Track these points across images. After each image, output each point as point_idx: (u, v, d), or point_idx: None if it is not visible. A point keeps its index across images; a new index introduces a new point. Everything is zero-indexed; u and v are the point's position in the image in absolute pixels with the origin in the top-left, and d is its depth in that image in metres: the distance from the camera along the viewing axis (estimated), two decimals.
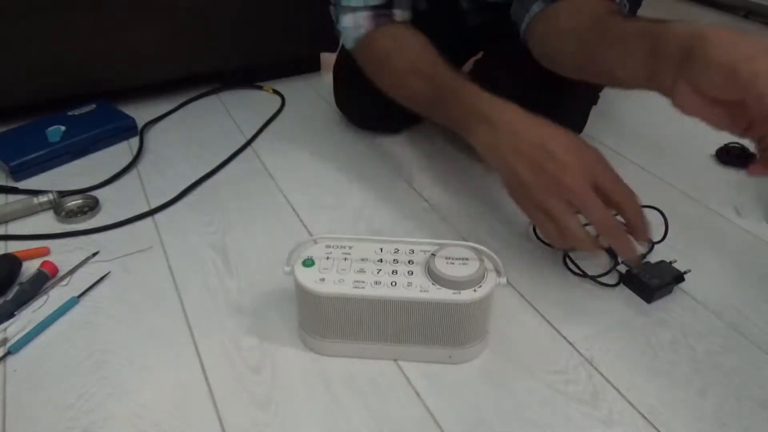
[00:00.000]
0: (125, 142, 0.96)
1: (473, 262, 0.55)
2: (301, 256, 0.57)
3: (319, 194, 0.83)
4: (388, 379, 0.57)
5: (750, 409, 0.54)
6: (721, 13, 1.55)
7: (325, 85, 1.16)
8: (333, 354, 0.58)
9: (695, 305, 0.65)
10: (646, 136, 0.98)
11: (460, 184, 0.85)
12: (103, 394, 0.55)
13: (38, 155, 0.87)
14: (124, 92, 1.07)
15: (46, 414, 0.53)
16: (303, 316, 0.58)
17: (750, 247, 0.74)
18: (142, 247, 0.73)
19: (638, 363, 0.58)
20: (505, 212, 0.80)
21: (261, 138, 0.98)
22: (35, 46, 0.92)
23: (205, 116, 1.04)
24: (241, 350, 0.60)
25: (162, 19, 0.99)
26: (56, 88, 0.97)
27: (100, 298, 0.66)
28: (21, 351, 0.60)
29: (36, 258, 0.71)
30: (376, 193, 0.84)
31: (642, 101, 1.09)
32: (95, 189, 0.84)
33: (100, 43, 0.96)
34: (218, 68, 1.10)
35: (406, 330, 0.56)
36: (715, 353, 0.59)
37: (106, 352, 0.59)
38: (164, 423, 0.53)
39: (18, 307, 0.64)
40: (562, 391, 0.56)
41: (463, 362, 0.58)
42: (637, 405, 0.54)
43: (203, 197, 0.83)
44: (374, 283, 0.54)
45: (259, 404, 0.54)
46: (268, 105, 1.08)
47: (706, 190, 0.84)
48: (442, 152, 0.94)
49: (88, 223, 0.77)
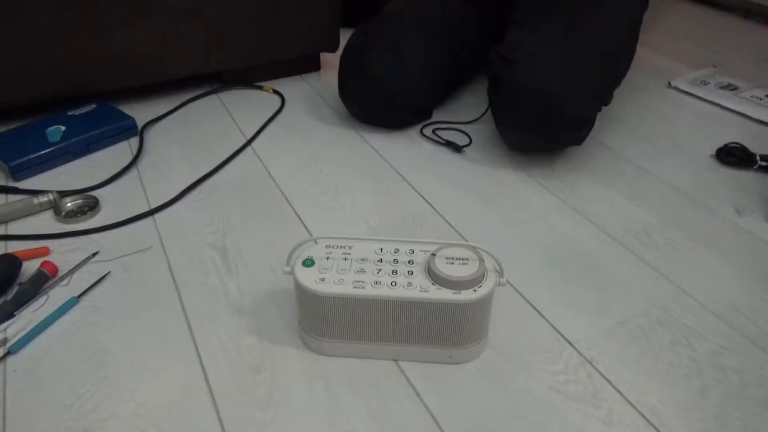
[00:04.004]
0: (125, 142, 0.96)
1: (473, 262, 0.55)
2: (301, 256, 0.57)
3: (319, 194, 0.84)
4: (388, 379, 0.57)
5: (750, 409, 0.54)
6: (721, 13, 1.55)
7: (325, 85, 1.16)
8: (333, 354, 0.58)
9: (695, 305, 0.65)
10: (646, 136, 0.98)
11: (460, 184, 0.86)
12: (103, 394, 0.55)
13: (38, 155, 0.87)
14: (124, 92, 1.07)
15: (46, 414, 0.53)
16: (303, 316, 0.58)
17: (750, 247, 0.74)
18: (142, 247, 0.73)
19: (638, 363, 0.58)
20: (505, 212, 0.80)
21: (261, 138, 0.98)
22: (35, 46, 0.92)
23: (205, 116, 1.04)
24: (241, 350, 0.60)
25: (162, 19, 0.99)
26: (56, 88, 0.97)
27: (100, 298, 0.66)
28: (21, 351, 0.60)
29: (36, 258, 0.71)
30: (376, 193, 0.84)
31: (642, 101, 1.09)
32: (95, 189, 0.84)
33: (100, 43, 0.96)
34: (218, 68, 1.10)
35: (406, 330, 0.56)
36: (715, 353, 0.59)
37: (106, 352, 0.59)
38: (164, 423, 0.53)
39: (18, 307, 0.64)
40: (562, 391, 0.56)
41: (463, 362, 0.58)
42: (637, 405, 0.54)
43: (203, 197, 0.83)
44: (374, 283, 0.54)
45: (259, 404, 0.54)
46: (268, 105, 1.08)
47: (706, 190, 0.84)
48: (442, 152, 0.94)
49: (88, 223, 0.77)
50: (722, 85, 1.14)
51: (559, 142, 0.87)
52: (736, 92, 1.11)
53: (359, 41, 0.96)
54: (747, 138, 0.95)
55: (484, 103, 1.07)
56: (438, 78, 1.00)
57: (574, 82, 0.81)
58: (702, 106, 1.08)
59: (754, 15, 1.52)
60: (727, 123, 1.02)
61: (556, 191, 0.84)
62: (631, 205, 0.81)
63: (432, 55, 0.96)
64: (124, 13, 0.96)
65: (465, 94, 1.11)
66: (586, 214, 0.79)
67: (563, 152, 0.93)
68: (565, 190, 0.84)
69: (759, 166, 0.89)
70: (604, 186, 0.85)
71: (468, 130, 0.99)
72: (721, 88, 1.13)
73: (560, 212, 0.80)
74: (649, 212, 0.80)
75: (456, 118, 1.03)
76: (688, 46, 1.35)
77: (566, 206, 0.81)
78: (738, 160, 0.90)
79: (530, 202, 0.82)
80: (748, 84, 1.14)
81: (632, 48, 0.93)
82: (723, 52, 1.31)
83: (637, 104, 1.08)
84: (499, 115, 0.89)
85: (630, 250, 0.73)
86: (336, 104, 1.07)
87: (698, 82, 1.15)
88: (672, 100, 1.10)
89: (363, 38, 0.95)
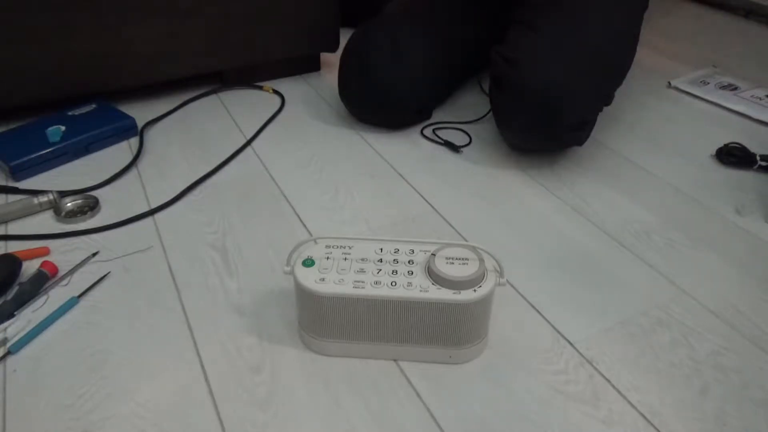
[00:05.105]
0: (125, 142, 0.96)
1: (473, 262, 0.55)
2: (301, 256, 0.57)
3: (319, 194, 0.84)
4: (388, 379, 0.57)
5: (750, 409, 0.54)
6: (721, 13, 1.55)
7: (325, 85, 1.16)
8: (333, 354, 0.58)
9: (695, 305, 0.65)
10: (646, 136, 0.98)
11: (460, 184, 0.86)
12: (103, 394, 0.55)
13: (38, 155, 0.87)
14: (124, 92, 1.07)
15: (46, 414, 0.53)
16: (303, 316, 0.58)
17: (750, 247, 0.74)
18: (142, 247, 0.73)
19: (638, 363, 0.58)
20: (505, 212, 0.80)
21: (261, 138, 0.98)
22: (35, 46, 0.92)
23: (205, 116, 1.04)
24: (241, 350, 0.60)
25: (162, 19, 0.99)
26: (56, 88, 0.97)
27: (100, 298, 0.66)
28: (21, 351, 0.60)
29: (36, 258, 0.71)
30: (376, 193, 0.84)
31: (642, 101, 1.09)
32: (95, 189, 0.84)
33: (100, 43, 0.96)
34: (218, 68, 1.10)
35: (406, 330, 0.56)
36: (715, 353, 0.59)
37: (106, 352, 0.59)
38: (164, 423, 0.53)
39: (18, 307, 0.64)
40: (562, 391, 0.56)
41: (463, 362, 0.58)
42: (637, 405, 0.54)
43: (203, 197, 0.83)
44: (374, 283, 0.54)
45: (259, 404, 0.54)
46: (268, 105, 1.08)
47: (706, 190, 0.84)
48: (442, 152, 0.94)
49: (88, 223, 0.77)
50: (722, 85, 1.14)
51: (561, 142, 0.87)
52: (736, 92, 1.11)
53: (359, 41, 0.96)
54: (747, 138, 0.95)
55: (484, 102, 1.07)
56: (438, 78, 1.00)
57: (576, 83, 0.81)
58: (702, 106, 1.08)
59: (754, 15, 1.52)
60: (727, 123, 1.02)
61: (556, 191, 0.84)
62: (631, 205, 0.81)
63: (432, 55, 0.96)
64: (124, 13, 0.96)
65: (465, 94, 1.11)
66: (586, 214, 0.79)
67: (563, 152, 0.93)
68: (565, 190, 0.84)
69: (759, 166, 0.89)
70: (604, 186, 0.85)
71: (468, 130, 0.99)
72: (721, 88, 1.13)
73: (560, 212, 0.80)
74: (649, 212, 0.80)
75: (456, 118, 1.03)
76: (688, 46, 1.35)
77: (566, 206, 0.81)
78: (738, 160, 0.90)
79: (530, 202, 0.82)
80: (748, 84, 1.14)
81: (633, 48, 0.93)
82: (723, 52, 1.31)
83: (637, 104, 1.08)
84: (500, 116, 0.89)
85: (630, 250, 0.73)
86: (336, 104, 1.07)
87: (698, 82, 1.15)
88: (672, 100, 1.10)
89: (362, 38, 0.95)
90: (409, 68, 0.93)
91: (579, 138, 0.87)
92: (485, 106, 1.06)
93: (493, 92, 0.90)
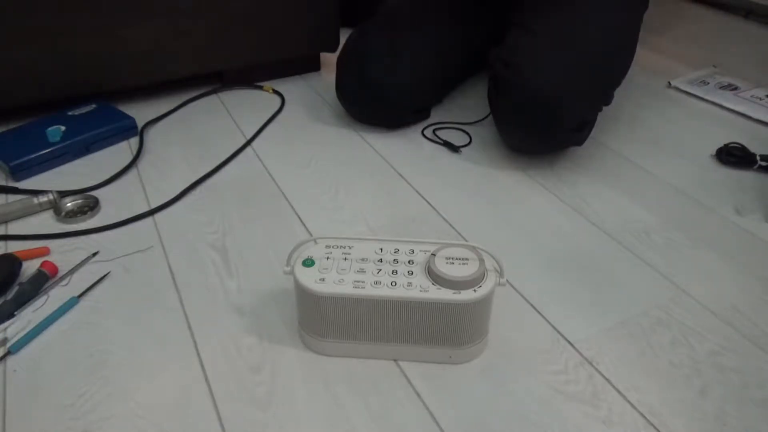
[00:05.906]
0: (125, 142, 0.96)
1: (473, 262, 0.55)
2: (301, 256, 0.57)
3: (319, 194, 0.84)
4: (388, 379, 0.57)
5: (750, 409, 0.54)
6: (721, 13, 1.55)
7: (325, 85, 1.16)
8: (333, 354, 0.58)
9: (695, 305, 0.65)
10: (646, 136, 0.98)
11: (460, 184, 0.86)
12: (103, 394, 0.55)
13: (38, 155, 0.87)
14: (124, 92, 1.07)
15: (46, 414, 0.53)
16: (303, 316, 0.58)
17: (750, 247, 0.74)
18: (142, 247, 0.73)
19: (638, 363, 0.58)
20: (505, 212, 0.80)
21: (261, 138, 0.98)
22: (35, 46, 0.92)
23: (205, 116, 1.04)
24: (241, 350, 0.60)
25: (162, 19, 0.99)
26: (56, 88, 0.97)
27: (100, 298, 0.66)
28: (21, 351, 0.60)
29: (36, 258, 0.71)
30: (376, 193, 0.84)
31: (642, 101, 1.09)
32: (95, 189, 0.84)
33: (100, 43, 0.96)
34: (218, 68, 1.10)
35: (406, 330, 0.56)
36: (715, 353, 0.59)
37: (106, 352, 0.59)
38: (164, 423, 0.53)
39: (18, 307, 0.64)
40: (562, 391, 0.56)
41: (463, 362, 0.58)
42: (637, 405, 0.54)
43: (203, 197, 0.83)
44: (374, 283, 0.54)
45: (259, 404, 0.54)
46: (268, 105, 1.08)
47: (706, 190, 0.84)
48: (442, 152, 0.94)
49: (88, 223, 0.77)
50: (722, 85, 1.14)
51: (560, 143, 0.87)
52: (736, 92, 1.11)
53: (356, 42, 0.96)
54: (747, 138, 0.95)
55: (483, 102, 1.07)
56: (436, 78, 1.00)
57: (575, 84, 0.80)
58: (702, 106, 1.08)
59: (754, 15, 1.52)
60: (727, 123, 1.02)
61: (556, 191, 0.84)
62: (631, 205, 0.81)
63: (430, 55, 0.96)
64: (124, 13, 0.96)
65: (464, 94, 1.11)
66: (586, 214, 0.79)
67: (563, 152, 0.93)
68: (565, 190, 0.84)
69: (759, 166, 0.89)
70: (604, 186, 0.85)
71: (468, 130, 0.99)
72: (721, 88, 1.13)
73: (560, 212, 0.80)
74: (649, 212, 0.80)
75: (455, 118, 1.03)
76: (688, 46, 1.35)
77: (566, 206, 0.81)
78: (738, 160, 0.90)
79: (530, 202, 0.82)
80: (748, 84, 1.14)
81: (632, 48, 0.93)
82: (723, 52, 1.31)
83: (637, 104, 1.08)
84: (499, 117, 0.89)
85: (630, 249, 0.73)
86: (336, 104, 1.07)
87: (698, 82, 1.15)
88: (672, 100, 1.10)
89: (360, 39, 0.95)
90: (407, 68, 0.93)
91: (578, 139, 0.87)
92: (485, 106, 1.06)
93: (491, 94, 0.90)
